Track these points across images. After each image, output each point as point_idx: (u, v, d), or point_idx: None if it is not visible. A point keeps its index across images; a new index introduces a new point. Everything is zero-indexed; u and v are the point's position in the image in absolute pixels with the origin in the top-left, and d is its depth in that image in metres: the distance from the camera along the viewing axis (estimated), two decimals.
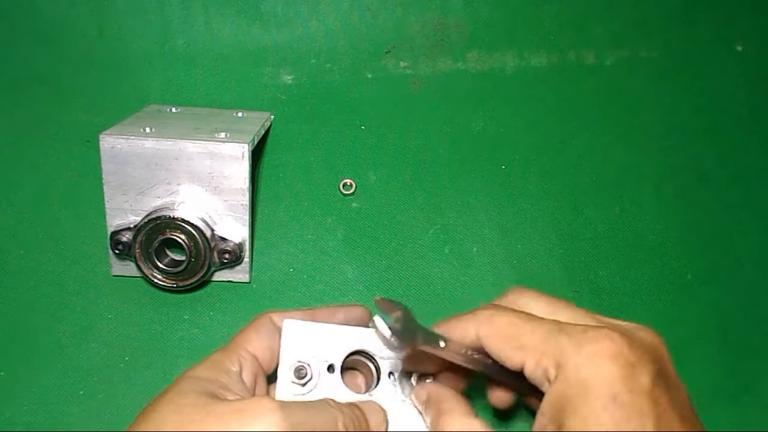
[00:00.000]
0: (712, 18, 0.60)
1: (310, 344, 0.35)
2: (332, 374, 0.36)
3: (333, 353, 0.36)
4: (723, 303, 0.52)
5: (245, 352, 0.35)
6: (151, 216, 0.43)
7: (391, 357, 0.37)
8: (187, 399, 0.30)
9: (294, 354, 0.35)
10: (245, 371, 0.34)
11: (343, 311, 0.39)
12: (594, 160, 0.55)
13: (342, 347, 0.36)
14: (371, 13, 0.55)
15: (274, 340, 0.36)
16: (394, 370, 0.37)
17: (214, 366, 0.33)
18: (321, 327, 0.36)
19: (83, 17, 0.52)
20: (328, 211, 0.51)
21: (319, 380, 0.35)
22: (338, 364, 0.36)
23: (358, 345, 0.37)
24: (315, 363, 0.35)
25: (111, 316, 0.47)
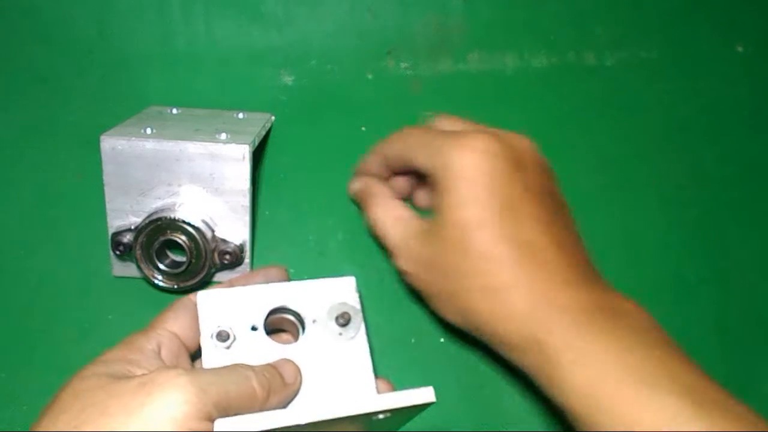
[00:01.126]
0: (712, 18, 0.60)
1: (228, 310, 0.36)
2: (256, 333, 0.36)
3: (253, 314, 0.36)
4: (723, 303, 0.52)
5: (163, 330, 0.34)
6: (151, 217, 0.43)
7: (313, 305, 0.37)
8: (88, 382, 0.29)
9: (213, 323, 0.35)
10: (164, 349, 0.34)
11: (260, 274, 0.40)
12: (594, 160, 0.55)
13: (261, 306, 0.37)
14: (372, 14, 0.55)
15: (192, 317, 0.36)
16: (315, 317, 0.37)
17: (125, 346, 0.33)
18: (236, 291, 0.36)
19: (83, 17, 0.52)
20: (329, 213, 0.51)
21: (244, 342, 0.35)
22: (260, 323, 0.36)
23: (277, 301, 0.37)
24: (236, 327, 0.35)
25: (111, 317, 0.47)
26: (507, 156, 0.36)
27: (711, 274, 0.53)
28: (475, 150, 0.36)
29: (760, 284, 0.53)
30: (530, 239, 0.35)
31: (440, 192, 0.37)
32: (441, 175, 0.37)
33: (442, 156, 0.37)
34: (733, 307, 0.52)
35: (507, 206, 0.35)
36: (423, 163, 0.38)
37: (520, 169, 0.37)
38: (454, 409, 0.45)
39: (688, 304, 0.52)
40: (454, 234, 0.35)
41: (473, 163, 0.35)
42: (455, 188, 0.36)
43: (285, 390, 0.33)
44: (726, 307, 0.52)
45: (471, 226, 0.35)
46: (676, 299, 0.52)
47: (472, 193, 0.35)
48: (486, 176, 0.35)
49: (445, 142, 0.37)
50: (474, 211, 0.35)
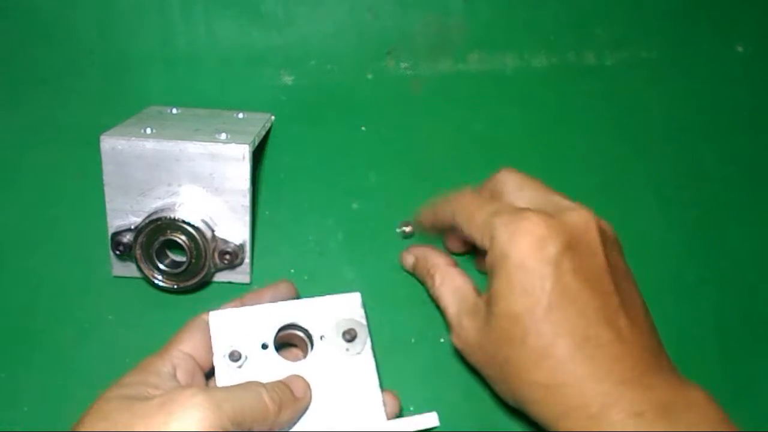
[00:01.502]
0: (712, 18, 0.60)
1: (239, 330, 0.37)
2: (266, 352, 0.37)
3: (263, 332, 0.37)
4: (723, 303, 0.52)
5: (178, 352, 0.36)
6: (151, 217, 0.43)
7: (320, 322, 0.38)
8: (112, 404, 0.31)
9: (225, 343, 0.36)
10: (180, 371, 0.35)
11: (269, 291, 0.41)
12: (594, 160, 0.55)
13: (270, 324, 0.38)
14: (372, 14, 0.55)
15: (206, 338, 0.37)
16: (323, 333, 0.38)
17: (142, 370, 0.34)
18: (246, 311, 0.38)
19: (84, 18, 0.52)
20: (329, 212, 0.51)
21: (255, 360, 0.36)
22: (270, 341, 0.37)
23: (285, 319, 0.38)
24: (247, 346, 0.37)
25: (111, 317, 0.47)
26: (565, 241, 0.34)
27: (711, 274, 0.53)
28: (531, 235, 0.34)
29: (760, 284, 0.53)
30: (589, 334, 0.33)
31: (493, 275, 0.35)
32: (493, 258, 0.35)
33: (495, 238, 0.35)
34: (733, 307, 0.52)
35: (564, 297, 0.33)
36: (478, 240, 0.37)
37: (579, 254, 0.34)
38: (454, 409, 0.45)
39: (688, 304, 0.52)
40: (507, 324, 0.34)
41: (527, 250, 0.33)
42: (507, 276, 0.34)
43: (295, 404, 0.35)
44: (726, 307, 0.52)
45: (524, 318, 0.33)
46: (676, 299, 0.52)
47: (525, 283, 0.33)
48: (541, 265, 0.33)
49: (501, 223, 0.35)
50: (527, 303, 0.33)
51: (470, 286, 0.40)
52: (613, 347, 0.33)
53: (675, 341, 0.50)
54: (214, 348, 0.36)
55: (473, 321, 0.37)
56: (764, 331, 0.51)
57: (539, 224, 0.34)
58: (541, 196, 0.39)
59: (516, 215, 0.35)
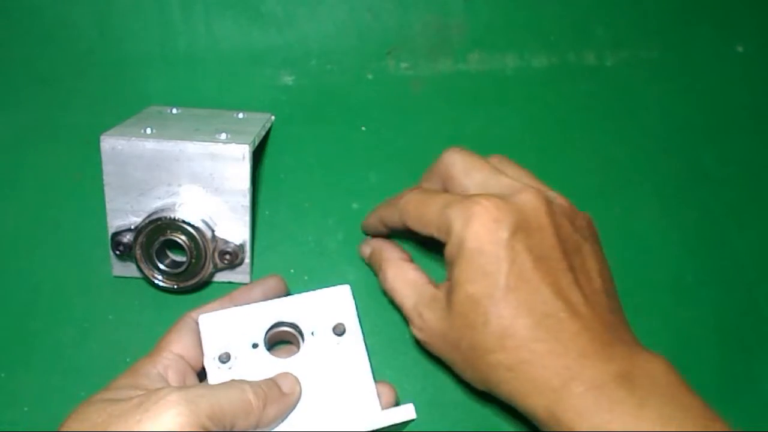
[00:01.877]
0: (712, 18, 0.60)
1: (229, 331, 0.37)
2: (257, 351, 0.37)
3: (253, 332, 0.37)
4: (723, 303, 0.52)
5: (168, 353, 0.36)
6: (151, 217, 0.43)
7: (310, 318, 0.38)
8: (93, 407, 0.31)
9: (216, 345, 0.37)
10: (171, 372, 0.35)
11: (258, 287, 0.41)
12: (594, 160, 0.55)
13: (260, 324, 0.38)
14: (372, 14, 0.55)
15: (196, 337, 0.37)
16: (313, 329, 0.38)
17: (132, 373, 0.34)
18: (236, 311, 0.38)
19: (83, 17, 0.52)
20: (329, 212, 0.51)
21: (246, 360, 0.36)
22: (260, 340, 0.37)
23: (275, 317, 0.38)
24: (238, 346, 0.37)
25: (111, 317, 0.47)
26: (516, 222, 0.35)
27: (711, 274, 0.53)
28: (485, 219, 0.35)
29: (759, 284, 0.53)
30: (546, 311, 0.34)
31: (453, 264, 0.36)
32: (452, 248, 0.36)
33: (452, 229, 0.36)
34: (732, 307, 0.52)
35: (520, 278, 0.34)
36: (435, 235, 0.38)
37: (530, 233, 0.35)
38: (453, 408, 0.45)
39: (688, 304, 0.52)
40: (467, 309, 0.35)
41: (482, 234, 0.34)
42: (466, 262, 0.35)
43: (283, 400, 0.34)
44: (726, 307, 0.52)
45: (483, 302, 0.34)
46: (676, 299, 0.52)
47: (483, 266, 0.34)
48: (496, 247, 0.34)
49: (454, 213, 0.36)
50: (486, 286, 0.34)
51: (425, 278, 0.40)
52: (571, 322, 0.34)
53: (675, 341, 0.50)
54: (204, 350, 0.36)
55: (433, 311, 0.37)
56: (764, 330, 0.51)
57: (490, 208, 0.35)
58: (490, 178, 0.39)
59: (467, 202, 0.36)
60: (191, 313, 0.38)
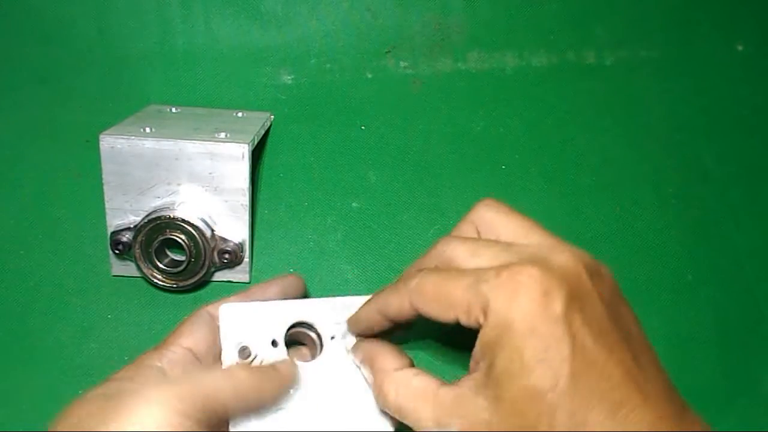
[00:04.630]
0: (712, 18, 0.60)
1: (249, 325, 0.36)
2: (276, 349, 0.36)
3: (273, 329, 0.37)
4: (723, 303, 0.52)
5: (176, 347, 0.35)
6: (151, 216, 0.43)
7: (331, 322, 0.38)
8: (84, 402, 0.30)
9: (235, 337, 0.36)
10: (175, 366, 0.34)
11: (277, 284, 0.40)
12: (594, 160, 0.55)
13: (281, 321, 0.37)
14: (371, 13, 0.55)
15: (209, 331, 0.36)
16: (334, 334, 0.38)
17: (134, 365, 0.34)
18: (258, 306, 0.37)
19: (83, 17, 0.52)
20: (328, 211, 0.51)
21: (264, 358, 0.36)
22: (280, 338, 0.37)
23: (296, 317, 0.37)
24: (257, 342, 0.36)
25: (111, 317, 0.47)
26: (567, 292, 0.29)
27: (710, 274, 0.53)
28: (534, 292, 0.29)
29: (759, 284, 0.52)
30: (618, 399, 0.28)
31: (488, 350, 0.30)
32: (491, 333, 0.29)
33: (491, 308, 0.29)
34: (732, 307, 0.52)
35: (585, 361, 0.28)
36: (463, 320, 0.31)
37: (581, 304, 0.30)
38: None
39: (687, 304, 0.51)
40: (525, 406, 0.28)
41: (535, 311, 0.28)
42: (516, 348, 0.28)
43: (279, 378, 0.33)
44: (726, 307, 0.52)
45: (546, 396, 0.28)
46: (676, 299, 0.52)
47: (541, 352, 0.28)
48: (553, 326, 0.28)
49: (492, 288, 0.29)
50: (546, 375, 0.28)
51: (435, 381, 0.32)
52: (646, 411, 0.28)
53: (675, 341, 0.50)
54: (222, 342, 0.36)
55: (465, 417, 0.30)
56: (763, 330, 0.51)
57: (537, 278, 0.29)
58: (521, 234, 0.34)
59: (506, 273, 0.29)
60: (207, 307, 0.37)
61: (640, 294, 0.52)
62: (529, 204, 0.53)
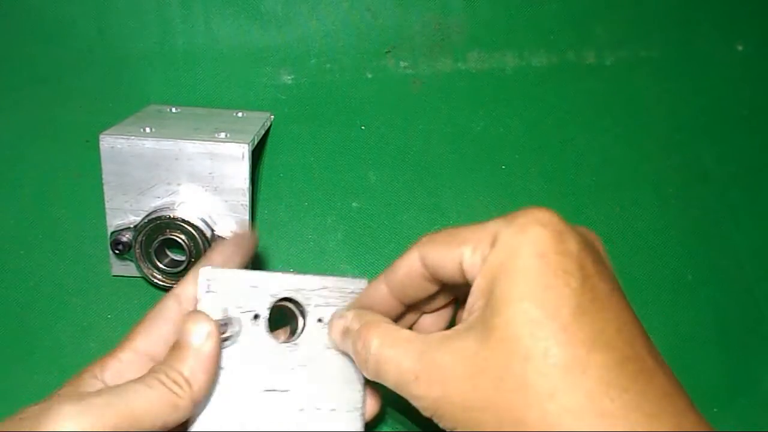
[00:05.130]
0: (712, 18, 0.60)
1: (231, 293, 0.33)
2: (257, 325, 0.34)
3: (257, 302, 0.34)
4: (723, 303, 0.52)
5: (128, 353, 0.32)
6: (151, 216, 0.43)
7: (320, 304, 0.35)
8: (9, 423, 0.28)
9: (213, 306, 0.32)
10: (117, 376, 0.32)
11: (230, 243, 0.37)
12: (594, 160, 0.55)
13: (266, 294, 0.34)
14: (371, 13, 0.55)
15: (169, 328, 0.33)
16: (321, 316, 0.35)
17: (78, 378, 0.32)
18: (242, 274, 0.34)
19: (83, 17, 0.52)
20: (328, 211, 0.51)
21: (242, 331, 0.33)
22: (263, 313, 0.34)
23: (284, 292, 0.34)
24: (238, 314, 0.33)
25: (111, 316, 0.47)
26: (583, 242, 0.28)
27: (710, 274, 0.53)
28: (548, 228, 0.27)
29: (759, 284, 0.52)
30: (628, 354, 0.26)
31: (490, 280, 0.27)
32: (492, 257, 0.27)
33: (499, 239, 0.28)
34: (732, 307, 0.52)
35: (596, 300, 0.26)
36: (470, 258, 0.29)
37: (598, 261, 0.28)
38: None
39: (687, 304, 0.51)
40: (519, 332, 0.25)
41: (547, 241, 0.27)
42: (518, 272, 0.26)
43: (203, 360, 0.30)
44: (726, 307, 0.52)
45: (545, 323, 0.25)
46: (676, 299, 0.52)
47: (545, 277, 0.26)
48: (564, 258, 0.26)
49: (505, 222, 0.28)
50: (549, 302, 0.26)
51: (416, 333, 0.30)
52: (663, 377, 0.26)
53: (675, 341, 0.50)
54: (198, 308, 0.33)
55: (451, 352, 0.27)
56: (763, 330, 0.51)
57: (552, 215, 0.28)
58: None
59: (520, 216, 0.28)
60: (177, 290, 0.34)
61: (640, 294, 0.52)
62: (529, 204, 0.53)
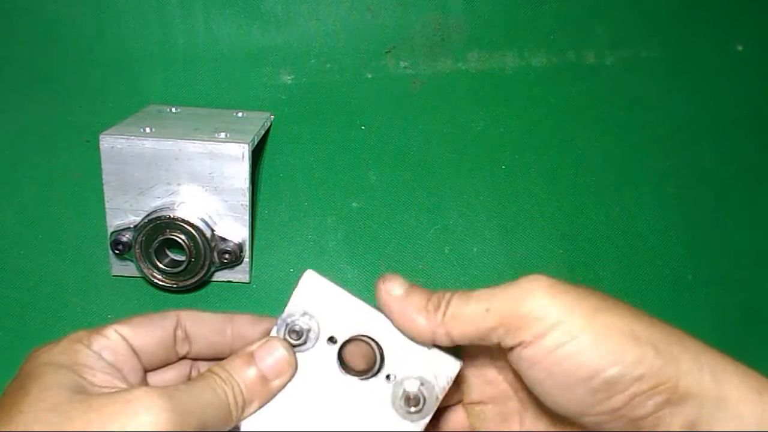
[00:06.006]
0: (712, 18, 0.60)
1: (322, 304, 0.33)
2: (330, 347, 0.33)
3: (340, 326, 0.33)
4: (723, 303, 0.52)
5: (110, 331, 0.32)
6: (151, 216, 0.43)
7: (400, 357, 0.33)
8: (61, 396, 0.28)
9: (301, 307, 0.33)
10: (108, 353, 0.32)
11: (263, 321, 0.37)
12: (594, 160, 0.55)
13: (354, 325, 0.33)
14: (371, 13, 0.55)
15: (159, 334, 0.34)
16: (394, 374, 0.33)
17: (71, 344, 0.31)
18: (342, 295, 0.33)
19: (83, 17, 0.52)
20: (328, 211, 0.51)
21: (315, 347, 0.33)
22: (341, 340, 0.33)
23: (371, 331, 0.33)
24: (318, 327, 0.33)
25: (111, 317, 0.47)
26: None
27: (711, 274, 0.53)
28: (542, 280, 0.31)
29: (759, 284, 0.52)
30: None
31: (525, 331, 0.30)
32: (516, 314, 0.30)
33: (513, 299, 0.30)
34: (732, 307, 0.52)
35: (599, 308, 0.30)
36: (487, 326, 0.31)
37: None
38: None
39: (687, 304, 0.51)
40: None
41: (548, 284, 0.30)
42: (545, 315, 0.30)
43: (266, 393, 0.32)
44: (726, 307, 0.52)
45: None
46: (676, 299, 0.52)
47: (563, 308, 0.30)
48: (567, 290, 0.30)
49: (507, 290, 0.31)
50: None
51: None
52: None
53: None
54: (288, 306, 0.33)
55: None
56: (764, 330, 0.51)
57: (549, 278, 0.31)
58: None
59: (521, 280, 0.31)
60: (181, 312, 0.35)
61: (640, 294, 0.52)
62: (529, 204, 0.53)
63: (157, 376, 0.35)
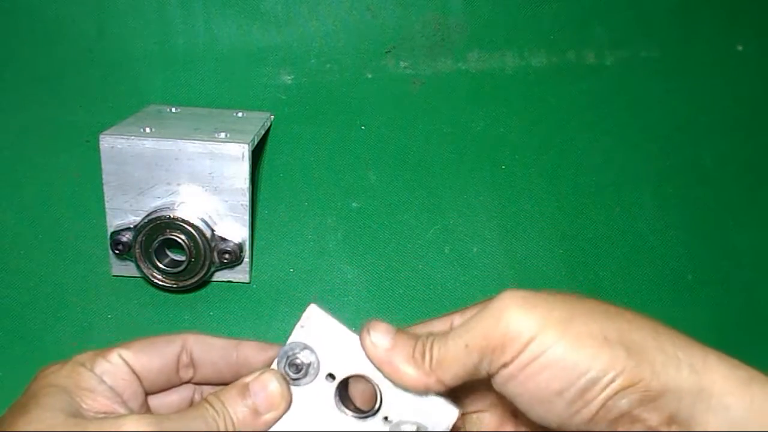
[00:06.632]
0: (712, 18, 0.60)
1: (323, 339, 0.33)
2: (329, 383, 0.33)
3: (340, 363, 0.33)
4: (723, 303, 0.52)
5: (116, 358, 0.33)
6: (151, 216, 0.43)
7: (399, 399, 0.33)
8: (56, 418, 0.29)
9: (303, 340, 0.32)
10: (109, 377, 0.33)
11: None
12: (594, 160, 0.55)
13: (352, 363, 0.33)
14: (371, 13, 0.55)
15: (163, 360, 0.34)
16: (392, 416, 0.33)
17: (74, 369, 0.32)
18: (344, 332, 0.33)
19: (83, 17, 0.52)
20: (328, 211, 0.51)
21: (314, 381, 0.33)
22: (339, 377, 0.33)
23: (371, 374, 0.32)
24: (319, 361, 0.33)
25: (111, 316, 0.47)
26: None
27: (711, 274, 0.53)
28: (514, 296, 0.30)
29: (759, 284, 0.53)
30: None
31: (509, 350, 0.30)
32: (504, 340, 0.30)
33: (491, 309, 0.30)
34: (732, 307, 0.52)
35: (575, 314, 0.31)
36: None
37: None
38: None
39: (687, 304, 0.52)
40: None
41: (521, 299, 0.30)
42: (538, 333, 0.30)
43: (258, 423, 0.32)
44: (726, 307, 0.52)
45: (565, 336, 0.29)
46: (676, 299, 0.52)
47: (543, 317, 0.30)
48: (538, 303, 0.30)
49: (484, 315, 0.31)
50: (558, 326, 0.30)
51: None
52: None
53: None
54: (291, 335, 0.32)
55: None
56: (764, 330, 0.51)
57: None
58: None
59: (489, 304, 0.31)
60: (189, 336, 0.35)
61: (640, 294, 0.52)
62: (529, 204, 0.53)
63: (158, 400, 0.35)
